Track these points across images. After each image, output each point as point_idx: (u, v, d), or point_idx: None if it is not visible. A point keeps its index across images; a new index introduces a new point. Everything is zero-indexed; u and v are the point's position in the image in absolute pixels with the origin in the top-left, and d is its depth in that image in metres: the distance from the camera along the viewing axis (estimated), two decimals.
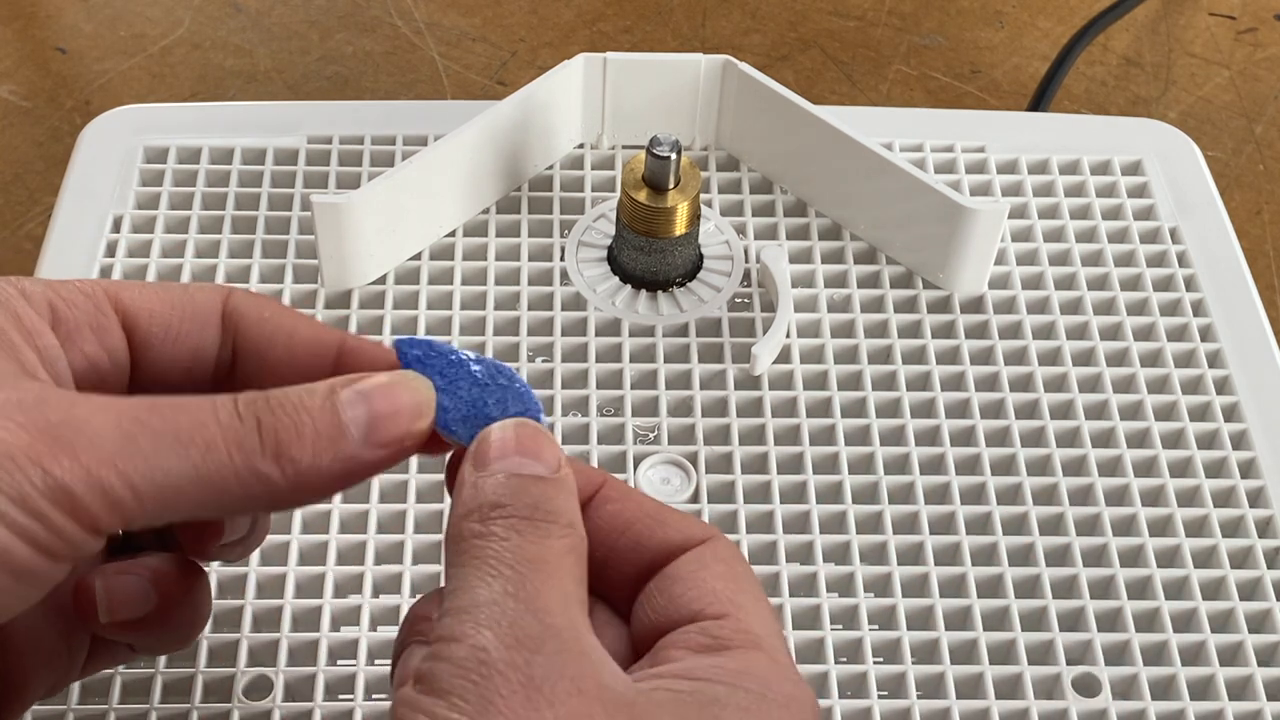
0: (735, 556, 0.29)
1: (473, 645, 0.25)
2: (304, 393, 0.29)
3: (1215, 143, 0.74)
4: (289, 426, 0.28)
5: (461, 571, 0.27)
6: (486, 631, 0.26)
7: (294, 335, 0.32)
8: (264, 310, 0.32)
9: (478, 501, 0.28)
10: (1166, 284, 0.47)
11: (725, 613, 0.28)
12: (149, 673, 0.37)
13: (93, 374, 0.30)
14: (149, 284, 0.32)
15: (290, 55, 0.76)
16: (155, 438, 0.27)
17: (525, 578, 0.27)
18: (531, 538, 0.27)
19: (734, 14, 0.80)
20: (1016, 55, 0.78)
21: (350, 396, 0.29)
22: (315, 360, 0.31)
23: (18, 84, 0.75)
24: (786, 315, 0.44)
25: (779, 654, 0.28)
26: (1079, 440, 0.43)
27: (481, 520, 0.28)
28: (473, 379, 0.31)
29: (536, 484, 0.28)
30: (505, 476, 0.28)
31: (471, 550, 0.27)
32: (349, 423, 0.28)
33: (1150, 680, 0.38)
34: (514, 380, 0.31)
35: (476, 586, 0.27)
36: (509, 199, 0.49)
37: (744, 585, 0.29)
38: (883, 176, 0.45)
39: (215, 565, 0.39)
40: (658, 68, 0.48)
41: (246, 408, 0.28)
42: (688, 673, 0.27)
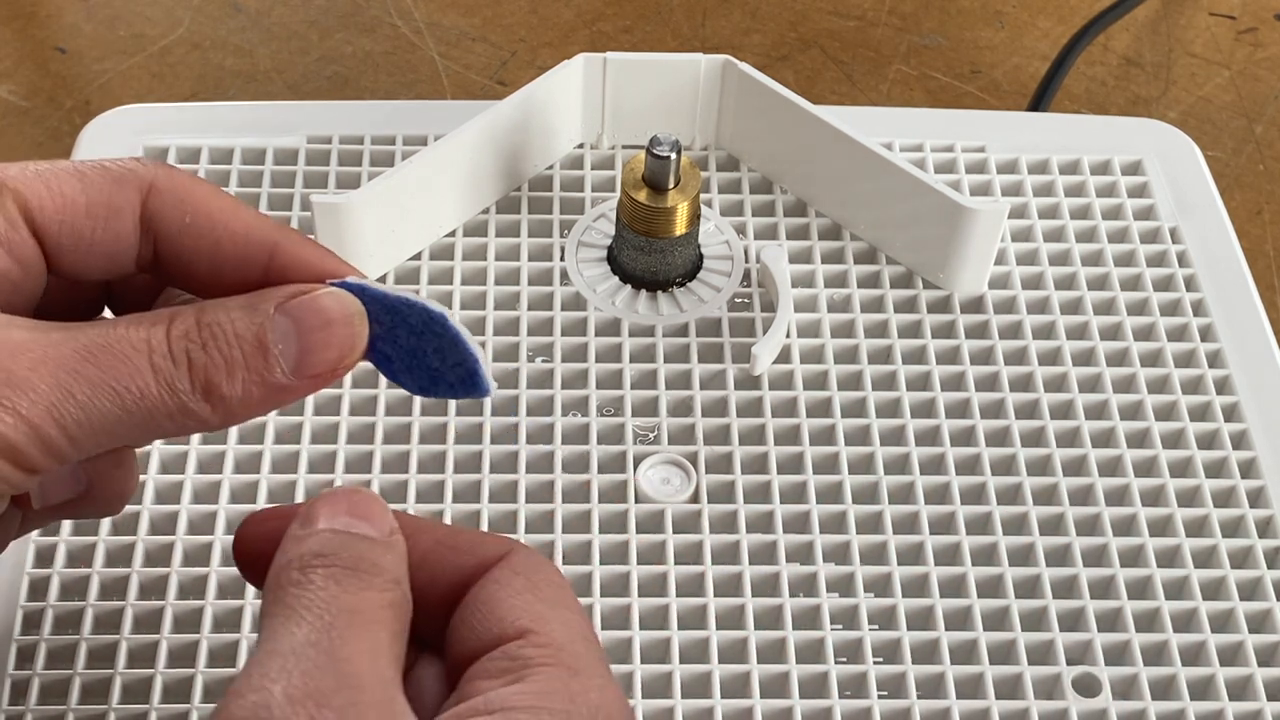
0: (534, 565, 0.29)
1: (255, 701, 0.24)
2: (237, 319, 0.29)
3: (1215, 143, 0.74)
4: (219, 364, 0.28)
5: (270, 621, 0.26)
6: (275, 685, 0.24)
7: (219, 244, 0.31)
8: (185, 214, 0.31)
9: (299, 551, 0.27)
10: (1166, 284, 0.47)
11: (524, 629, 0.27)
12: (149, 673, 0.37)
13: (7, 286, 0.30)
14: (61, 180, 0.30)
15: (290, 55, 0.76)
16: (91, 388, 0.27)
17: (333, 627, 0.26)
18: (350, 587, 0.27)
19: (734, 14, 0.80)
20: (1016, 55, 0.78)
21: (281, 324, 0.29)
22: (240, 270, 0.31)
23: (17, 84, 0.75)
24: (786, 315, 0.44)
25: (580, 661, 0.27)
26: (1079, 440, 0.43)
27: (301, 569, 0.27)
28: (409, 327, 0.30)
29: (364, 542, 0.28)
30: (332, 533, 0.28)
31: (284, 598, 0.26)
32: (279, 356, 0.29)
33: (1150, 680, 0.38)
34: (447, 328, 0.30)
35: (279, 635, 0.26)
36: (509, 199, 0.49)
37: (544, 593, 0.28)
38: (883, 176, 0.45)
39: (216, 565, 0.39)
40: (658, 68, 0.48)
41: (179, 345, 0.28)
42: (487, 706, 0.26)
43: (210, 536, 0.40)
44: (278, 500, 0.41)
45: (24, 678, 0.37)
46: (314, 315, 0.29)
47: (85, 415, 0.28)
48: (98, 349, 0.28)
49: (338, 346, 0.29)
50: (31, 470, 0.28)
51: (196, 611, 0.38)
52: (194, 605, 0.38)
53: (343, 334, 0.29)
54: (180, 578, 0.39)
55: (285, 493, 0.41)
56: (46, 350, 0.28)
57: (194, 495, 0.41)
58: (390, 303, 0.30)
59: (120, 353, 0.28)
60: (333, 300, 0.29)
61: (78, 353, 0.28)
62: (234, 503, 0.41)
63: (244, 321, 0.29)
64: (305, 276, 0.30)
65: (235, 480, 0.41)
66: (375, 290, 0.30)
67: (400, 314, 0.30)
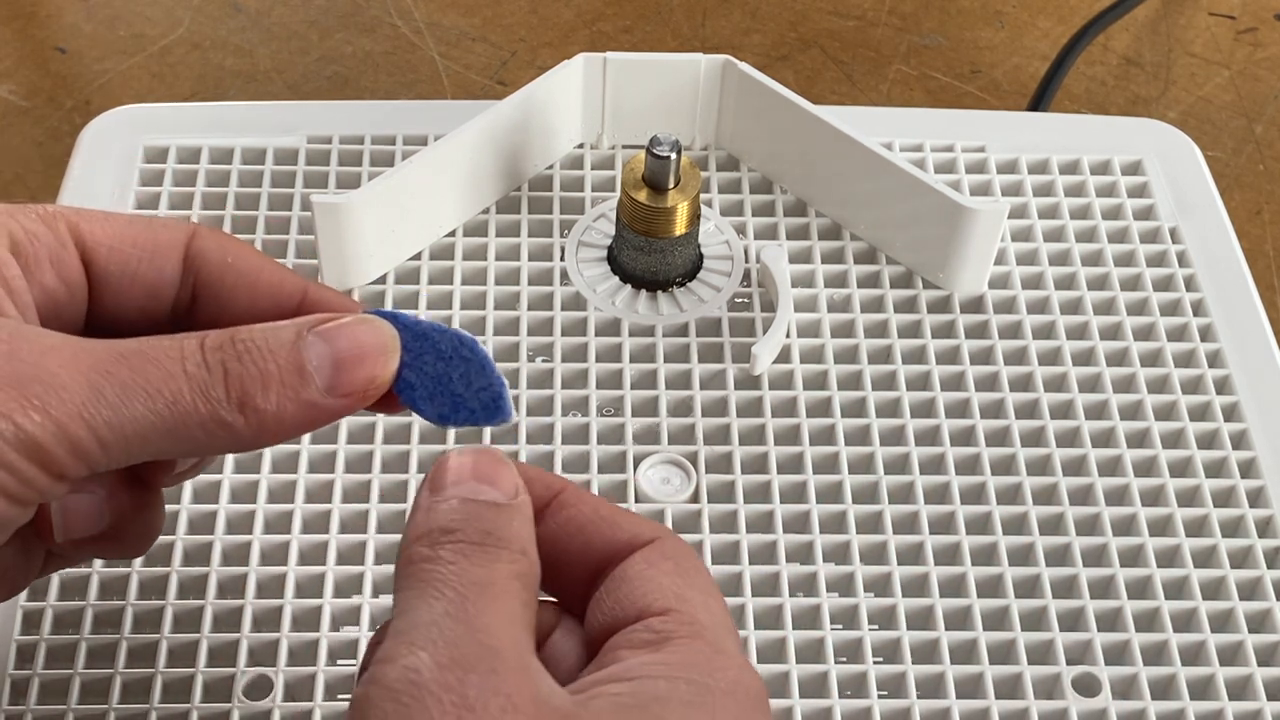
0: (684, 553, 0.29)
1: (405, 666, 0.25)
2: (270, 336, 0.29)
3: (1215, 143, 0.74)
4: (255, 375, 0.28)
5: (406, 595, 0.27)
6: (421, 652, 0.25)
7: (257, 284, 0.32)
8: (227, 255, 0.32)
9: (429, 526, 0.28)
10: (1166, 284, 0.47)
11: (669, 607, 0.28)
12: (149, 673, 0.37)
13: (50, 305, 0.31)
14: (111, 216, 0.32)
15: (290, 55, 0.76)
16: (123, 390, 0.27)
17: (467, 599, 0.26)
18: (479, 561, 0.27)
19: (734, 14, 0.80)
20: (1016, 55, 0.78)
21: (316, 345, 0.29)
22: (277, 311, 0.32)
23: (18, 84, 0.75)
24: (786, 315, 0.44)
25: (723, 641, 0.28)
26: (1079, 440, 0.43)
27: (430, 545, 0.27)
28: (437, 353, 0.31)
29: (490, 510, 0.28)
30: (459, 502, 0.28)
31: (418, 574, 0.27)
32: (314, 372, 0.29)
33: (1150, 680, 0.38)
34: (476, 352, 0.31)
35: (418, 608, 0.26)
36: (509, 199, 0.49)
37: (691, 579, 0.29)
38: (883, 176, 0.45)
39: (217, 565, 0.39)
40: (658, 68, 0.48)
41: (213, 354, 0.28)
42: (627, 673, 0.26)
43: (210, 536, 0.40)
44: (278, 500, 0.41)
45: (24, 677, 0.37)
46: (346, 336, 0.30)
47: (116, 417, 0.27)
48: (130, 353, 0.28)
49: (370, 365, 0.30)
50: (59, 475, 0.27)
51: (196, 611, 0.38)
52: (194, 605, 0.38)
53: (375, 354, 0.30)
54: (180, 577, 0.39)
55: (285, 492, 0.41)
56: (78, 352, 0.27)
57: (194, 495, 0.41)
58: (421, 329, 0.31)
59: (154, 358, 0.28)
60: (365, 324, 0.30)
61: (111, 355, 0.28)
62: (233, 503, 0.41)
63: (278, 339, 0.29)
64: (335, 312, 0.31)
65: (235, 480, 0.41)
66: (405, 317, 0.31)
67: (430, 339, 0.31)
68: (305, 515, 0.40)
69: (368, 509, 0.40)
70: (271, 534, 0.40)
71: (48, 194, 0.69)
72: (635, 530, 0.29)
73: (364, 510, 0.40)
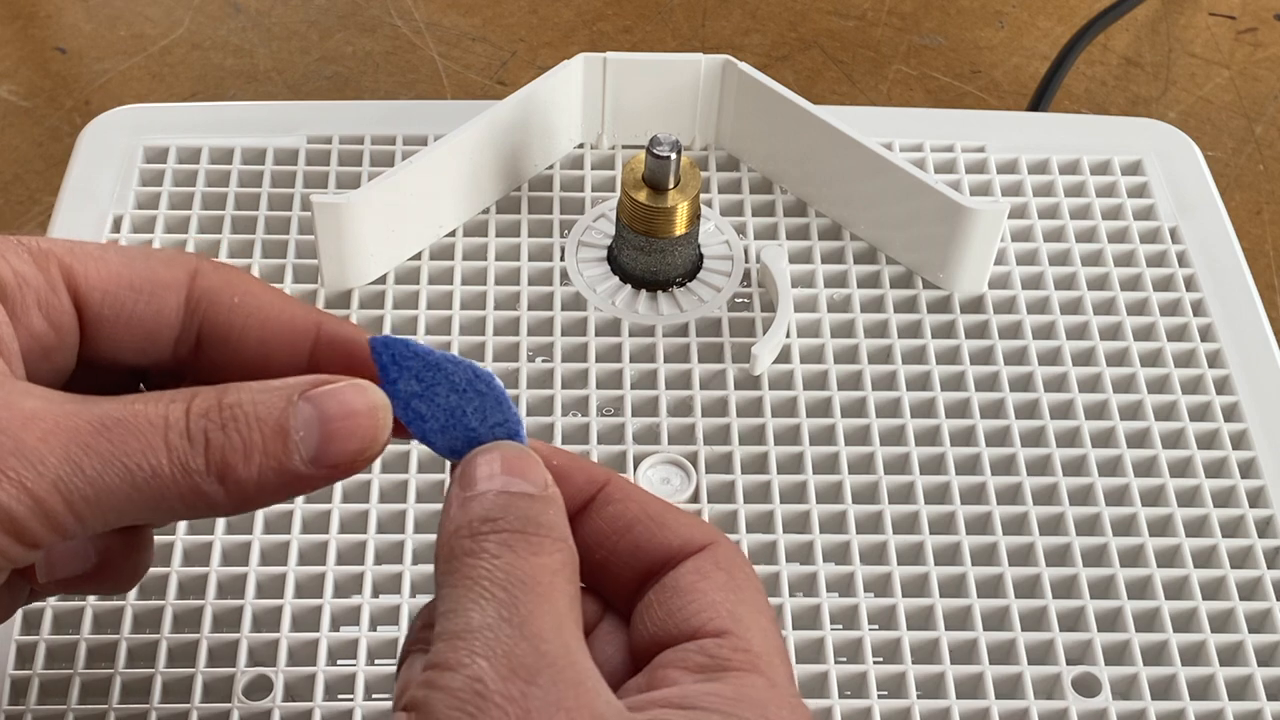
0: (737, 562, 0.29)
1: (469, 675, 0.25)
2: (260, 402, 0.28)
3: (1215, 143, 0.74)
4: (237, 446, 0.28)
5: (454, 592, 0.27)
6: (482, 661, 0.25)
7: (266, 325, 0.31)
8: (234, 295, 0.31)
9: (467, 517, 0.28)
10: (1166, 284, 0.47)
11: (724, 629, 0.28)
12: (149, 673, 0.37)
13: (37, 350, 0.30)
14: (108, 254, 0.31)
15: (290, 55, 0.76)
16: (101, 463, 0.27)
17: (518, 600, 0.26)
18: (524, 553, 0.27)
19: (734, 14, 0.80)
20: (1016, 55, 0.78)
21: (304, 411, 0.28)
22: (289, 350, 0.31)
23: (18, 84, 0.75)
24: (786, 315, 0.44)
25: (778, 673, 0.27)
26: (1079, 440, 0.43)
27: (472, 535, 0.27)
28: (451, 385, 0.30)
29: (525, 500, 0.28)
30: (495, 494, 0.28)
31: (463, 569, 0.27)
32: (298, 444, 0.28)
33: (1150, 680, 0.38)
34: (492, 386, 0.30)
35: (470, 610, 0.26)
36: (509, 199, 0.49)
37: (745, 595, 0.28)
38: (883, 176, 0.45)
39: (217, 565, 0.39)
40: (658, 68, 0.48)
41: (197, 422, 0.28)
42: (683, 699, 0.26)
43: (210, 536, 0.40)
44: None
45: (24, 677, 0.37)
46: (338, 405, 0.29)
47: (93, 491, 0.27)
48: (112, 422, 0.27)
49: (360, 438, 0.29)
50: (33, 545, 0.27)
51: (196, 611, 0.38)
52: (194, 605, 0.38)
53: (365, 425, 0.29)
54: (180, 577, 0.39)
55: None
56: (59, 420, 0.27)
57: None
58: (434, 360, 0.30)
59: (134, 428, 0.27)
60: (357, 392, 0.29)
61: (91, 424, 0.27)
62: None
63: (266, 405, 0.28)
64: (349, 352, 0.30)
65: None
66: (420, 348, 0.30)
67: (444, 371, 0.30)
68: (305, 515, 0.40)
69: (368, 509, 0.40)
70: (271, 534, 0.40)
71: (48, 194, 0.69)
72: (688, 535, 0.29)
73: (364, 510, 0.40)
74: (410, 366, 0.30)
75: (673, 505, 0.30)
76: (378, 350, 0.30)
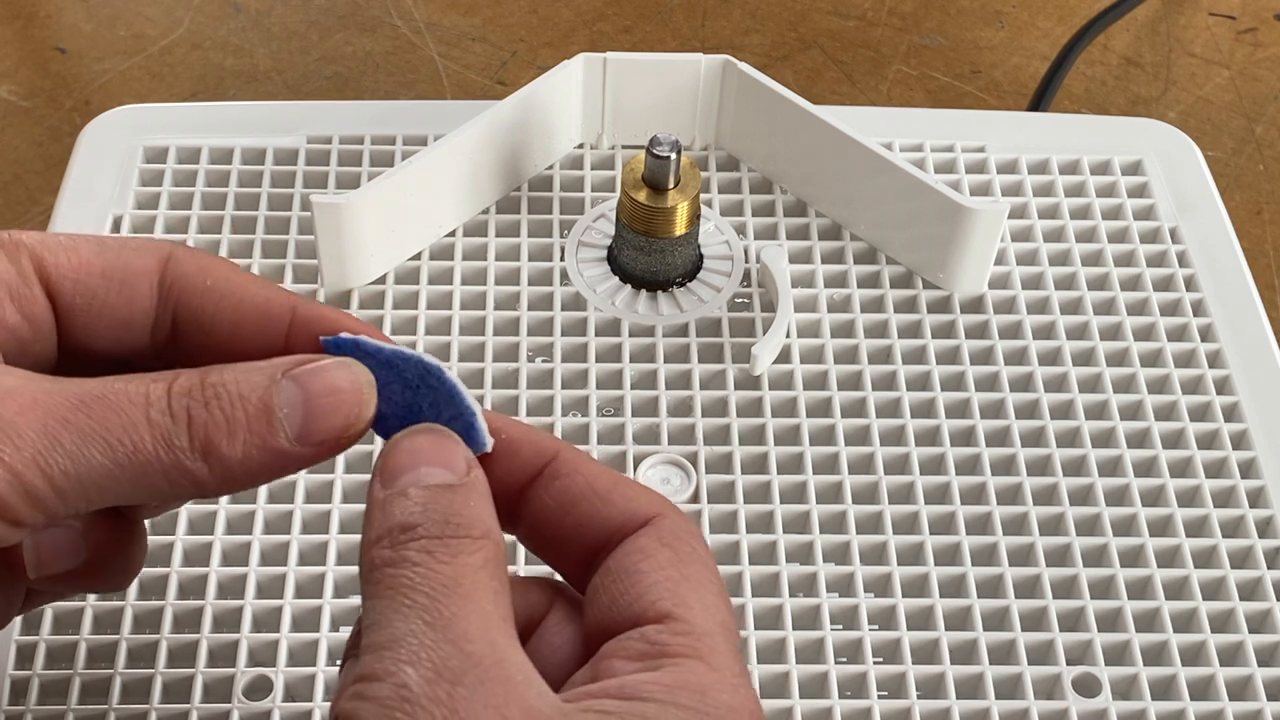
0: (682, 535, 0.28)
1: (395, 683, 0.25)
2: (243, 380, 0.28)
3: (1215, 143, 0.74)
4: (220, 424, 0.27)
5: (377, 604, 0.26)
6: (408, 668, 0.25)
7: (240, 308, 0.30)
8: (207, 278, 0.31)
9: (387, 525, 0.27)
10: (1166, 284, 0.47)
11: (666, 613, 0.27)
12: (149, 673, 0.37)
13: (14, 344, 0.29)
14: (79, 244, 0.30)
15: (290, 55, 0.76)
16: (81, 437, 0.27)
17: (440, 604, 0.26)
18: (443, 557, 0.27)
19: (734, 14, 0.80)
20: (1016, 55, 0.78)
21: (288, 389, 0.28)
22: (264, 333, 0.30)
23: (18, 84, 0.75)
24: (786, 315, 0.44)
25: (719, 656, 0.27)
26: (1079, 440, 0.43)
27: (393, 545, 0.27)
28: (404, 381, 0.29)
29: (445, 495, 0.28)
30: (414, 490, 0.28)
31: (385, 580, 0.27)
32: (283, 421, 0.28)
33: (1150, 680, 0.38)
34: (443, 380, 0.29)
35: (393, 620, 0.26)
36: (509, 199, 0.48)
37: (689, 570, 0.28)
38: (883, 176, 0.45)
39: (217, 565, 0.39)
40: (658, 68, 0.48)
41: (179, 400, 0.27)
42: (620, 690, 0.26)
43: (210, 536, 0.40)
44: (277, 500, 0.41)
45: (24, 677, 0.37)
46: (321, 383, 0.28)
47: (73, 466, 0.26)
48: (91, 399, 0.27)
49: (344, 414, 0.29)
50: (15, 522, 0.27)
51: (196, 611, 0.38)
52: (194, 605, 0.38)
53: (350, 401, 0.29)
54: (180, 577, 0.39)
55: (284, 493, 0.41)
56: (36, 396, 0.27)
57: None
58: (385, 357, 0.29)
59: (114, 404, 0.27)
60: (341, 369, 0.29)
61: (69, 400, 0.27)
62: (233, 503, 0.40)
63: (249, 383, 0.28)
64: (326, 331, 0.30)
65: None
66: (370, 345, 0.30)
67: (395, 368, 0.29)
68: (305, 515, 0.40)
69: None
70: (271, 534, 0.40)
71: (48, 194, 0.69)
72: (632, 509, 0.29)
73: (364, 510, 0.40)
74: (364, 364, 0.29)
75: (623, 477, 0.29)
76: (329, 350, 0.30)
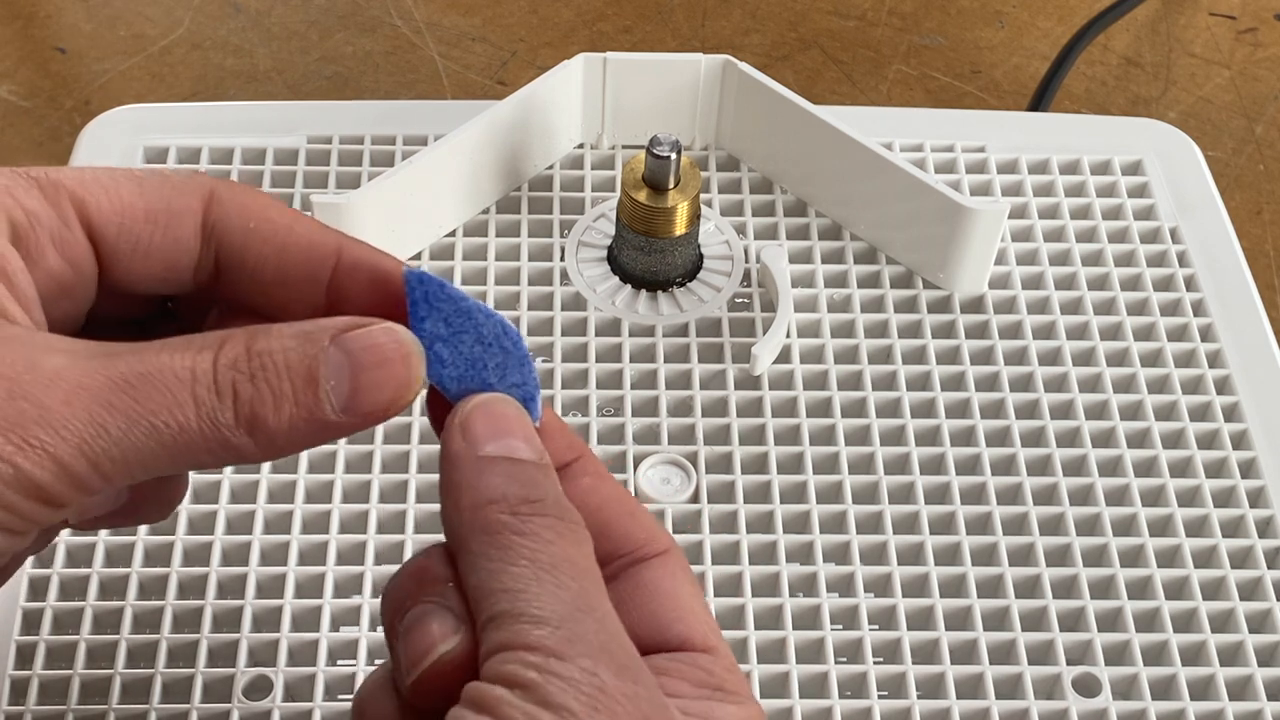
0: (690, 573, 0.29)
1: (583, 667, 0.25)
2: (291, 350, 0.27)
3: (1215, 143, 0.74)
4: (266, 398, 0.27)
5: (512, 570, 0.26)
6: (584, 653, 0.25)
7: (284, 252, 0.30)
8: (250, 220, 0.30)
9: (500, 490, 0.27)
10: (1166, 284, 0.47)
11: (713, 646, 0.28)
12: (149, 673, 0.37)
13: (56, 289, 0.29)
14: (119, 182, 0.29)
15: (290, 55, 0.76)
16: (127, 421, 0.26)
17: (589, 594, 0.26)
18: (572, 543, 0.27)
19: (734, 14, 0.80)
20: (1016, 55, 0.78)
21: (335, 358, 0.27)
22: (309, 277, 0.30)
23: (18, 84, 0.75)
24: (786, 315, 0.44)
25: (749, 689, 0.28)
26: (1079, 440, 0.43)
27: (515, 514, 0.27)
28: (478, 335, 0.29)
29: (543, 475, 0.28)
30: (509, 463, 0.27)
31: (514, 546, 0.26)
32: (329, 394, 0.27)
33: (1150, 680, 0.38)
34: (518, 346, 0.29)
35: (541, 595, 0.26)
36: (509, 199, 0.48)
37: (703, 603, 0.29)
38: (883, 176, 0.45)
39: (216, 565, 0.39)
40: (658, 68, 0.48)
41: (225, 375, 0.27)
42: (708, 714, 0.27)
43: (210, 536, 0.40)
44: (277, 501, 0.41)
45: (23, 677, 0.37)
46: (369, 352, 0.28)
47: (119, 451, 0.26)
48: (136, 378, 0.26)
49: (392, 386, 0.28)
50: (60, 506, 0.27)
51: (196, 611, 0.38)
52: (194, 605, 0.38)
53: (398, 373, 0.28)
54: (180, 577, 0.39)
55: (285, 493, 0.41)
56: (81, 381, 0.26)
57: (193, 495, 0.41)
58: (467, 307, 0.29)
59: (161, 383, 0.26)
60: (389, 336, 0.28)
61: (114, 382, 0.26)
62: (233, 503, 0.41)
63: (297, 352, 0.27)
64: (373, 279, 0.29)
65: (235, 480, 0.41)
66: (453, 290, 0.29)
67: (474, 320, 0.29)
68: (305, 515, 0.40)
69: (368, 509, 0.40)
70: (271, 534, 0.40)
71: None
72: (652, 531, 0.29)
73: (364, 510, 0.40)
74: (441, 309, 0.29)
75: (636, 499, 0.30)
76: (411, 285, 0.29)
